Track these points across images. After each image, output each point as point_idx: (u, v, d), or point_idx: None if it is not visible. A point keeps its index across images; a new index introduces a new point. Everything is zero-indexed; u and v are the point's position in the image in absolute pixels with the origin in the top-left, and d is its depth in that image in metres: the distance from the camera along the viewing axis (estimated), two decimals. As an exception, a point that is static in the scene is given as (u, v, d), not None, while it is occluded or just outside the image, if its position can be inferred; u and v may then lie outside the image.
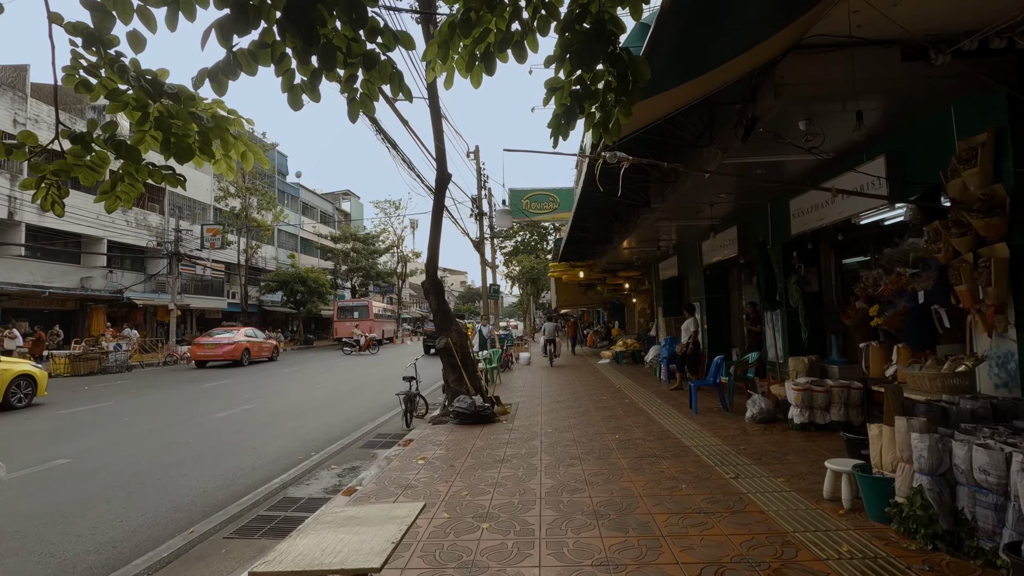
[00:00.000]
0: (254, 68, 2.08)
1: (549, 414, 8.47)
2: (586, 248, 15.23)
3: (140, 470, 6.30)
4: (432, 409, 9.48)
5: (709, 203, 8.36)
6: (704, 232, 10.93)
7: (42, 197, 2.27)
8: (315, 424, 8.99)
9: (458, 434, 7.23)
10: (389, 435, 8.10)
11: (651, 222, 9.50)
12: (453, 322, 9.00)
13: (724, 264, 11.26)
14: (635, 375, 13.34)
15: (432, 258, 9.08)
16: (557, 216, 20.61)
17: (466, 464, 5.64)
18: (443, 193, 8.95)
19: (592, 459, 5.65)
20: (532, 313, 47.91)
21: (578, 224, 11.32)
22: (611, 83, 2.23)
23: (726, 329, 11.83)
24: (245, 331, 21.69)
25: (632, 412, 8.33)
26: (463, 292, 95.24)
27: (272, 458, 6.82)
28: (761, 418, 7.06)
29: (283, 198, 42.13)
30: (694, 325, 10.05)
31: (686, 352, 9.85)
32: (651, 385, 11.46)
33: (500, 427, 7.58)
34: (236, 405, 10.85)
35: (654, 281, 16.77)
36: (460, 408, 7.82)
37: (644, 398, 9.68)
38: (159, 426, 8.80)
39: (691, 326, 9.98)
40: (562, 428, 7.33)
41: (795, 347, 7.86)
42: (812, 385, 6.49)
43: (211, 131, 2.27)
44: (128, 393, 12.88)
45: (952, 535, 3.18)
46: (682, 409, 8.34)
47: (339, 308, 36.98)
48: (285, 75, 2.13)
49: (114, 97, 2.13)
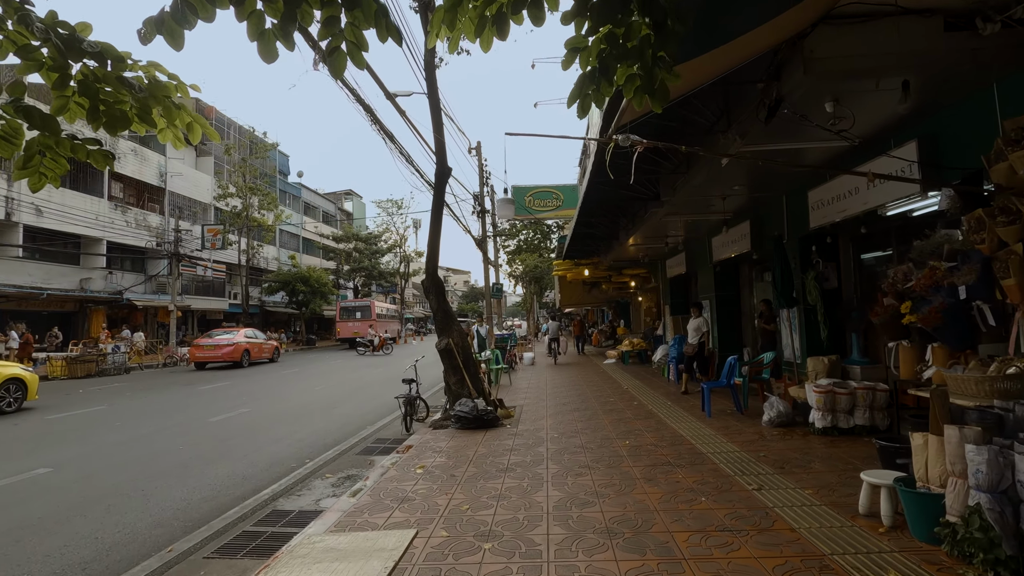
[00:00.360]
0: (210, 11, 1.72)
1: (555, 417, 8.11)
2: (591, 245, 14.85)
3: (123, 480, 5.97)
4: (433, 412, 9.13)
5: (721, 196, 7.98)
6: (715, 227, 10.54)
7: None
8: (312, 429, 8.65)
9: (459, 440, 6.87)
10: (388, 440, 7.75)
11: (660, 217, 9.12)
12: (454, 322, 8.65)
13: (734, 260, 10.87)
14: (643, 376, 12.96)
15: (432, 256, 8.73)
16: (561, 213, 20.22)
17: (467, 474, 5.29)
18: (443, 188, 8.59)
19: (602, 468, 5.29)
20: (536, 312, 47.53)
21: (584, 219, 10.95)
22: (649, 36, 1.85)
23: (737, 328, 11.44)
24: (245, 332, 21.39)
25: (642, 415, 7.95)
26: (466, 292, 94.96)
27: (264, 466, 6.48)
28: (779, 422, 6.68)
29: (285, 198, 41.91)
30: (705, 324, 9.68)
31: (697, 352, 9.47)
32: (660, 386, 11.09)
33: (504, 432, 7.22)
34: (232, 408, 10.53)
35: (661, 279, 16.38)
36: (462, 412, 7.46)
37: (654, 400, 9.31)
38: (150, 431, 8.48)
39: (702, 325, 9.60)
40: (569, 433, 6.96)
41: (813, 346, 7.47)
42: (835, 387, 6.11)
43: (147, 99, 1.91)
44: (123, 396, 12.58)
45: (1016, 561, 2.80)
46: (694, 412, 7.97)
47: (341, 308, 36.81)
48: (251, 19, 1.77)
49: (25, 55, 1.78)
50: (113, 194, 26.64)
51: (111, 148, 20.84)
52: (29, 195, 21.62)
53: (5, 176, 20.96)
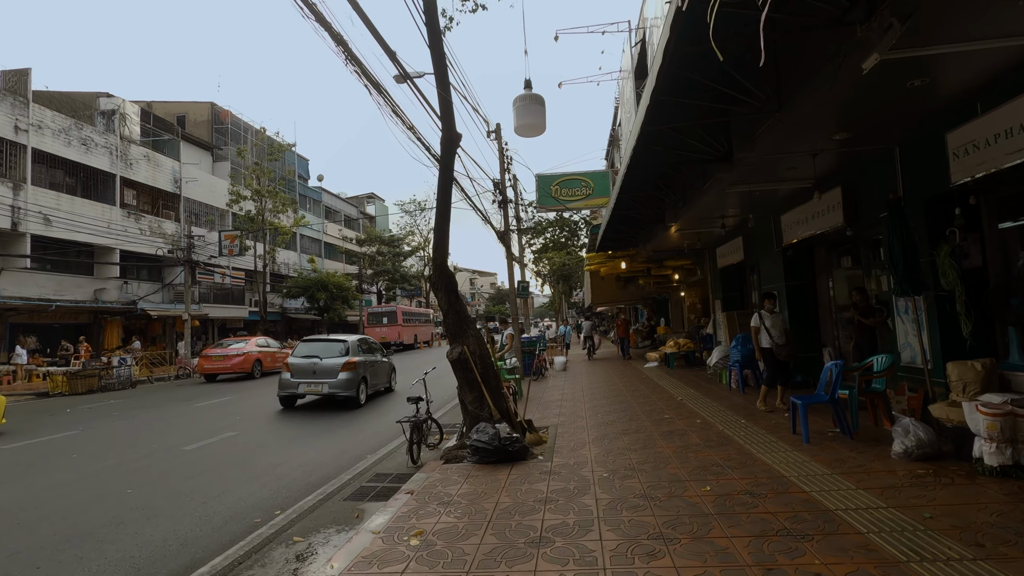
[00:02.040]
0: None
1: (599, 444, 6.34)
2: (629, 234, 13.00)
3: (32, 543, 4.47)
4: (448, 436, 7.48)
5: (812, 152, 6.09)
6: (785, 201, 8.62)
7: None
8: (301, 459, 7.09)
9: (477, 481, 5.17)
10: (389, 475, 6.13)
11: (725, 186, 7.26)
12: (470, 326, 6.96)
13: (810, 242, 8.92)
14: (696, 382, 11.06)
15: (440, 244, 7.07)
16: (591, 203, 18.39)
17: (482, 551, 3.57)
18: (451, 159, 6.92)
19: (685, 537, 3.52)
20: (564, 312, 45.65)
21: (624, 198, 9.12)
22: None
23: (812, 324, 9.47)
24: (257, 341, 20.13)
25: (714, 440, 6.12)
26: (493, 294, 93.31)
27: (219, 521, 4.90)
28: (919, 454, 4.78)
29: (305, 202, 41.06)
30: (781, 321, 7.77)
31: (779, 357, 7.56)
32: (720, 396, 9.20)
33: (534, 468, 5.50)
34: (217, 432, 9.06)
35: (709, 270, 14.40)
36: (480, 442, 5.76)
37: (721, 417, 7.45)
38: (108, 466, 7.04)
39: (778, 322, 7.70)
40: (622, 471, 5.19)
41: (951, 346, 5.53)
42: (1015, 407, 4.20)
43: None
44: (107, 417, 11.27)
45: None
46: (782, 434, 6.10)
47: (369, 314, 37.40)
48: None
49: None
50: (126, 201, 25.88)
51: (123, 153, 20.28)
52: (36, 204, 20.88)
53: (10, 185, 20.22)
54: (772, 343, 7.61)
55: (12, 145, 20.65)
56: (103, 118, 25.88)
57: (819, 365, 9.23)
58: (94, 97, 26.65)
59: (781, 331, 7.67)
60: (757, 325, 7.76)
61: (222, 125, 34.38)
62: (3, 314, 20.57)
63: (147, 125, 29.24)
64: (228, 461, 7.11)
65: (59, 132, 22.46)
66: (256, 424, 9.80)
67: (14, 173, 20.70)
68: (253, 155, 31.93)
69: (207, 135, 33.55)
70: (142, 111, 29.08)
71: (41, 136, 21.66)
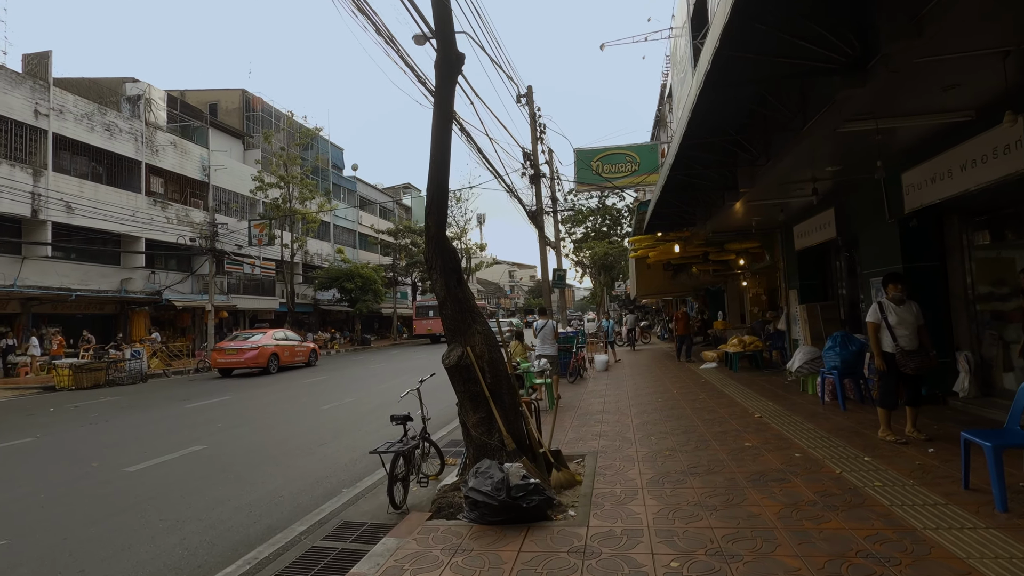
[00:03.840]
0: None
1: (659, 491, 4.34)
2: (684, 208, 10.79)
3: None
4: (453, 461, 5.65)
5: (1002, 51, 3.88)
6: (917, 147, 6.34)
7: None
8: (266, 488, 5.44)
9: (468, 564, 3.28)
10: (362, 525, 4.35)
11: (840, 120, 5.07)
12: (477, 320, 5.03)
13: (938, 209, 6.62)
14: (772, 392, 8.85)
15: (435, 201, 5.20)
16: (638, 180, 16.19)
17: None
18: (450, 87, 5.03)
19: None
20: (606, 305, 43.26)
21: (684, 155, 7.00)
22: None
23: (943, 319, 7.14)
24: (274, 333, 18.89)
25: (835, 494, 4.02)
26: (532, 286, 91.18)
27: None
28: None
29: (339, 192, 40.16)
30: (913, 315, 5.52)
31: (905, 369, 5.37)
32: (813, 412, 7.01)
33: (559, 537, 3.56)
34: (184, 444, 7.52)
35: (783, 254, 12.03)
36: (479, 493, 3.86)
37: (829, 449, 5.31)
38: (23, 493, 5.54)
39: (908, 316, 5.48)
40: (702, 555, 3.19)
41: None
42: None
43: None
44: (80, 420, 9.94)
45: None
46: (948, 489, 3.95)
47: (417, 307, 38.29)
48: None
49: None
50: (152, 189, 25.24)
51: (149, 139, 18.54)
52: (58, 190, 20.25)
53: (30, 171, 19.61)
54: (897, 348, 5.39)
55: (32, 130, 20.04)
56: (129, 104, 25.26)
57: (950, 375, 6.93)
58: (120, 83, 26.09)
59: (913, 330, 5.45)
60: (876, 320, 5.57)
61: (253, 112, 33.63)
62: (25, 303, 20.09)
63: (177, 112, 28.64)
64: (164, 492, 5.47)
65: (82, 117, 21.80)
66: (235, 434, 8.24)
67: (34, 159, 20.10)
68: (281, 140, 30.98)
69: (238, 123, 32.86)
70: (174, 99, 28.49)
71: (63, 121, 21.01)
